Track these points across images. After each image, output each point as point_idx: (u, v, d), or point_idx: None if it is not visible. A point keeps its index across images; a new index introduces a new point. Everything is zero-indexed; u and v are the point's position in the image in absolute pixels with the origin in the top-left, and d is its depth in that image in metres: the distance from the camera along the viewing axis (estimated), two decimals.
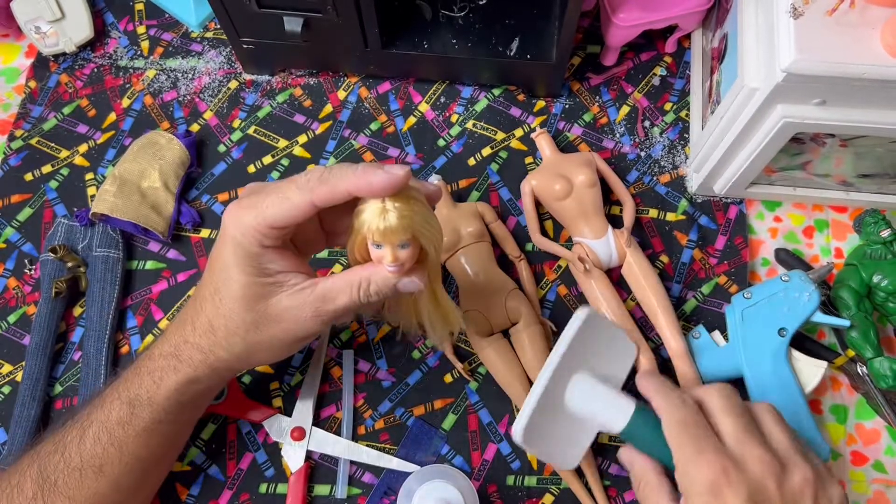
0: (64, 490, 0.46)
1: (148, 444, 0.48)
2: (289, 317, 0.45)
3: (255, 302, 0.44)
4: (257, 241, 0.42)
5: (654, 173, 0.66)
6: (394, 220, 0.40)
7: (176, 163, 0.64)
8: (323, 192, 0.41)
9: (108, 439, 0.46)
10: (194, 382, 0.47)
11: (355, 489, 0.57)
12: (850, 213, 0.65)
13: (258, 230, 0.42)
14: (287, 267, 0.45)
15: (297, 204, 0.41)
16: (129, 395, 0.47)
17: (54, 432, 0.48)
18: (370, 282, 0.44)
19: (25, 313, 0.62)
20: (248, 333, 0.45)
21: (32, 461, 0.47)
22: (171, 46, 0.71)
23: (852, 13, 0.46)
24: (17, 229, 0.65)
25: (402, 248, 0.41)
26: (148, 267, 0.63)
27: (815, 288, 0.56)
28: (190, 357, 0.47)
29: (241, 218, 0.42)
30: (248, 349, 0.46)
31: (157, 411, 0.47)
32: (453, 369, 0.60)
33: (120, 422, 0.47)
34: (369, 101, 0.69)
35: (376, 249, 0.42)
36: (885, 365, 0.55)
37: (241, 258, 0.43)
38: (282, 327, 0.45)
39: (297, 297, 0.44)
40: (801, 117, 0.50)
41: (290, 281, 0.45)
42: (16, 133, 0.68)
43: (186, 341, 0.47)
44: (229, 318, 0.45)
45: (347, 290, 0.44)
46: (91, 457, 0.46)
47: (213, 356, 0.46)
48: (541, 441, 0.48)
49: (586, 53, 0.71)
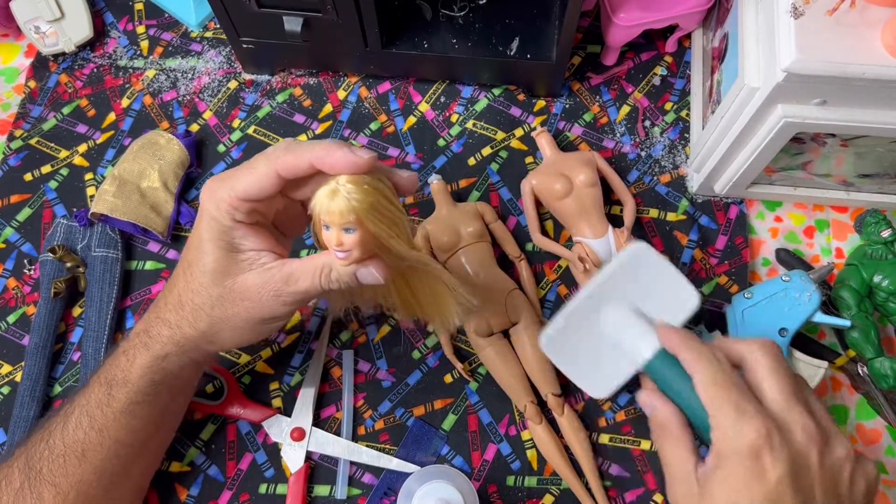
0: (49, 478, 0.46)
1: (128, 426, 0.47)
2: (252, 295, 0.45)
3: (224, 277, 0.45)
4: (230, 214, 0.43)
5: (654, 173, 0.66)
6: (339, 201, 0.39)
7: (175, 163, 0.64)
8: (287, 161, 0.41)
9: (89, 423, 0.46)
10: (163, 359, 0.47)
11: (355, 489, 0.57)
12: (850, 213, 0.65)
13: (230, 203, 0.42)
14: (259, 245, 0.45)
15: (265, 173, 0.41)
16: (106, 377, 0.47)
17: (42, 423, 0.48)
18: (331, 268, 0.44)
19: (25, 313, 0.62)
20: (213, 309, 0.45)
21: (21, 453, 0.47)
22: (170, 46, 0.71)
23: (853, 13, 0.46)
24: (16, 229, 0.65)
25: (347, 232, 0.40)
26: (147, 267, 0.63)
27: (815, 288, 0.56)
28: (159, 333, 0.47)
29: (216, 192, 0.43)
30: (212, 326, 0.46)
31: (132, 391, 0.47)
32: (453, 369, 0.60)
33: (99, 404, 0.47)
34: (369, 100, 0.69)
35: (326, 231, 0.41)
36: (886, 365, 0.55)
37: (215, 232, 0.44)
38: (245, 305, 0.45)
39: (262, 276, 0.44)
40: (802, 117, 0.50)
41: (261, 259, 0.45)
42: (15, 133, 0.68)
43: (158, 317, 0.47)
44: (197, 293, 0.45)
45: (310, 274, 0.44)
46: (73, 442, 0.46)
47: (180, 332, 0.47)
48: (566, 355, 0.49)
49: (586, 53, 0.71)
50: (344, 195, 0.39)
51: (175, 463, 0.57)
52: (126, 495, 0.51)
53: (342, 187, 0.40)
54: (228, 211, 0.43)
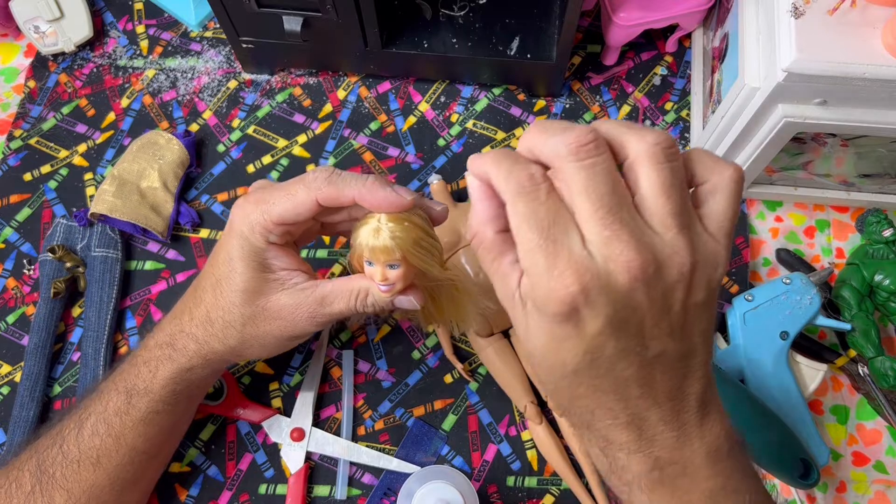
0: (62, 483, 0.46)
1: (145, 434, 0.48)
2: (286, 315, 0.45)
3: (256, 297, 0.45)
4: (264, 237, 0.44)
5: None
6: (384, 240, 0.41)
7: (175, 163, 0.63)
8: (329, 193, 0.42)
9: (106, 430, 0.47)
10: (188, 372, 0.48)
11: (355, 490, 0.57)
12: (851, 213, 0.65)
13: (265, 226, 0.43)
14: (289, 265, 0.46)
15: (304, 201, 0.42)
16: (126, 386, 0.47)
17: (52, 427, 0.48)
18: (368, 293, 0.45)
19: (24, 314, 0.62)
20: (244, 327, 0.46)
21: (30, 456, 0.47)
22: (170, 46, 0.71)
23: (853, 13, 0.46)
24: (15, 229, 0.65)
25: (392, 269, 0.42)
26: (147, 267, 0.63)
27: (816, 291, 0.56)
28: (185, 346, 0.47)
29: (250, 214, 0.44)
30: (242, 343, 0.47)
31: (153, 401, 0.47)
32: (453, 370, 0.60)
33: (117, 412, 0.47)
34: (369, 100, 0.69)
35: (368, 266, 0.43)
36: (887, 364, 0.55)
37: (247, 253, 0.44)
38: (278, 324, 0.46)
39: (296, 297, 0.45)
40: (802, 117, 0.50)
41: (292, 280, 0.46)
42: (15, 133, 0.68)
43: (182, 331, 0.47)
44: (227, 311, 0.46)
45: (346, 297, 0.45)
46: (89, 448, 0.46)
47: (208, 347, 0.47)
48: None
49: (587, 53, 0.71)
50: (387, 234, 0.41)
51: (175, 463, 0.57)
52: (137, 498, 0.51)
53: (384, 226, 0.41)
54: (262, 234, 0.44)
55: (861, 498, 0.57)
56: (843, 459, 0.58)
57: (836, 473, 0.58)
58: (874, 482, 0.58)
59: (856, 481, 0.58)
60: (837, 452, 0.58)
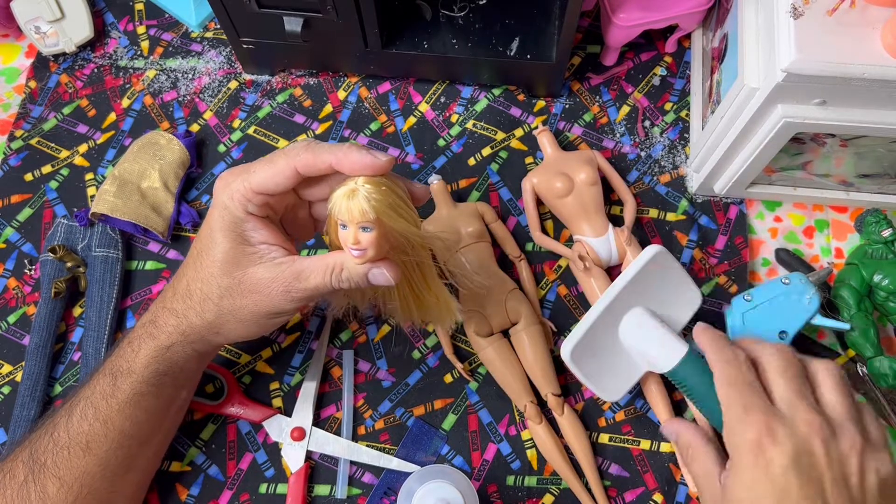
0: (53, 470, 0.46)
1: (132, 417, 0.47)
2: (261, 289, 0.45)
3: (234, 268, 0.45)
4: (243, 206, 0.44)
5: (654, 173, 0.66)
6: (358, 200, 0.40)
7: (176, 163, 0.64)
8: (306, 159, 0.42)
9: (94, 414, 0.47)
10: (168, 350, 0.47)
11: (355, 489, 0.57)
12: (850, 213, 0.65)
13: (244, 195, 0.43)
14: (270, 239, 0.46)
15: (282, 169, 0.43)
16: (111, 368, 0.47)
17: (46, 418, 0.48)
18: (343, 267, 0.44)
19: (25, 313, 0.62)
20: (221, 300, 0.46)
21: (25, 447, 0.47)
22: (171, 46, 0.71)
23: (852, 13, 0.46)
24: (16, 229, 0.65)
25: (365, 231, 0.41)
26: (148, 267, 0.63)
27: (815, 291, 0.56)
28: (165, 322, 0.47)
29: (231, 183, 0.44)
30: (219, 316, 0.46)
31: (137, 381, 0.47)
32: (453, 369, 0.60)
33: (104, 395, 0.47)
34: (369, 101, 0.69)
35: (342, 230, 0.42)
36: (885, 364, 0.55)
37: (227, 223, 0.44)
38: (254, 299, 0.45)
39: (272, 270, 0.45)
40: (802, 117, 0.50)
41: (271, 254, 0.45)
42: (16, 133, 0.68)
43: (164, 307, 0.48)
44: (206, 282, 0.46)
45: (321, 271, 0.44)
46: (78, 433, 0.46)
47: (186, 321, 0.47)
48: (587, 364, 0.51)
49: (586, 53, 0.71)
50: (363, 194, 0.41)
51: (175, 463, 0.57)
52: (129, 489, 0.51)
53: (361, 187, 0.41)
54: (241, 202, 0.44)
55: None
56: None
57: None
58: None
59: None
60: None
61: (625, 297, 0.50)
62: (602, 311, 0.50)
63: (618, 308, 0.51)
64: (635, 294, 0.51)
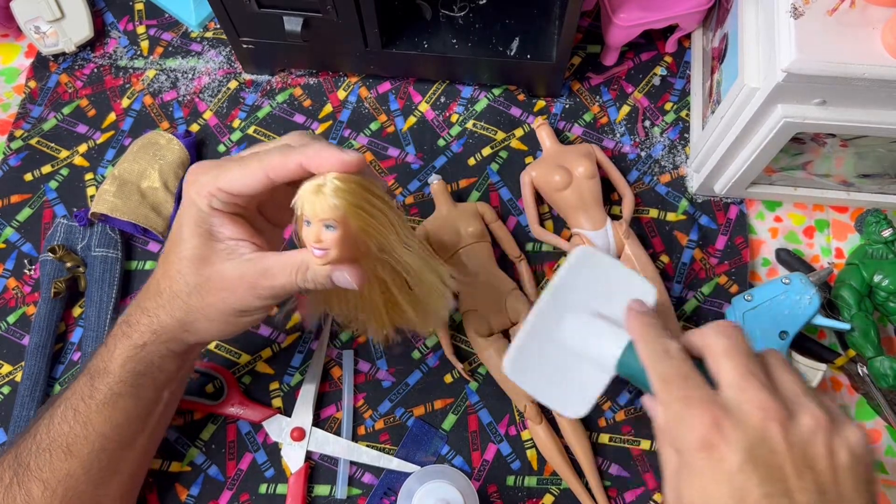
0: (36, 472, 0.45)
1: (111, 419, 0.47)
2: (227, 286, 0.44)
3: (202, 265, 0.44)
4: (207, 200, 0.43)
5: (654, 173, 0.66)
6: (323, 197, 0.38)
7: (176, 163, 0.64)
8: (276, 164, 0.41)
9: (73, 416, 0.46)
10: (141, 349, 0.46)
11: (355, 489, 0.57)
12: (850, 213, 0.65)
13: (210, 192, 0.42)
14: (238, 234, 0.44)
15: (253, 173, 0.41)
16: (89, 369, 0.47)
17: (32, 421, 0.48)
18: (307, 267, 0.43)
19: (25, 313, 0.62)
20: (189, 297, 0.45)
21: (11, 450, 0.47)
22: (170, 46, 0.71)
23: (853, 13, 0.46)
24: (16, 229, 0.65)
25: (328, 229, 0.39)
26: (147, 267, 0.63)
27: (815, 291, 0.56)
28: (137, 321, 0.47)
29: (199, 177, 0.43)
30: (187, 314, 0.45)
31: (113, 381, 0.46)
32: (453, 369, 0.60)
33: (82, 396, 0.46)
34: (369, 100, 0.69)
35: (306, 227, 0.40)
36: (886, 364, 0.55)
37: (194, 218, 0.43)
38: (220, 296, 0.44)
39: (240, 267, 0.44)
40: (802, 117, 0.50)
41: (239, 250, 0.44)
42: (15, 133, 0.68)
43: (138, 305, 0.47)
44: (174, 280, 0.45)
45: (287, 270, 0.43)
46: (58, 435, 0.46)
47: (157, 320, 0.46)
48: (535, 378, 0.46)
49: (586, 53, 0.71)
50: (329, 191, 0.39)
51: (175, 463, 0.57)
52: (116, 491, 0.49)
53: (329, 183, 0.39)
54: (207, 198, 0.43)
55: None
56: None
57: None
58: None
59: None
60: None
61: (563, 303, 0.46)
62: (534, 322, 0.46)
63: (558, 314, 0.46)
64: (573, 299, 0.47)
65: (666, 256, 0.63)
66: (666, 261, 0.63)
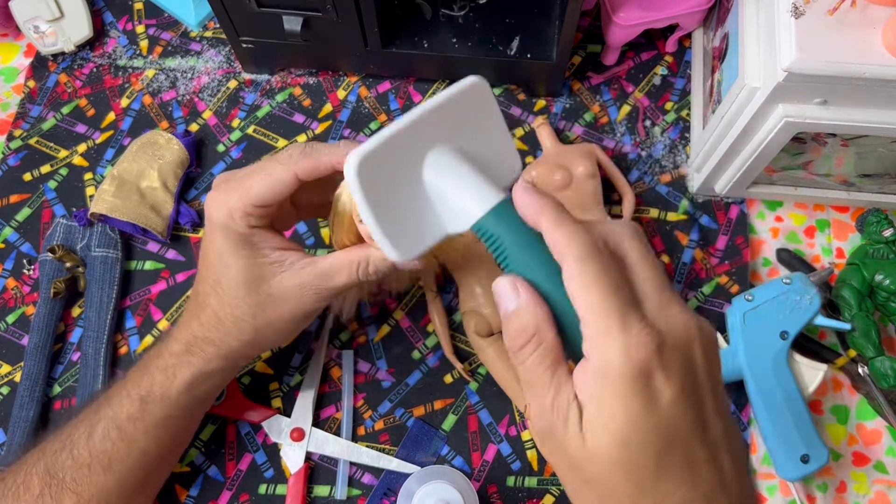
0: (71, 486, 0.46)
1: (159, 439, 0.48)
2: (292, 296, 0.45)
3: (258, 284, 0.45)
4: (245, 221, 0.43)
5: (654, 173, 0.66)
6: None
7: (175, 163, 0.63)
8: (307, 165, 0.42)
9: (118, 435, 0.47)
10: (209, 376, 0.48)
11: (355, 490, 0.57)
12: (851, 213, 0.65)
13: (245, 210, 0.43)
14: (279, 244, 0.45)
15: (282, 178, 0.42)
16: (139, 392, 0.47)
17: (59, 430, 0.48)
18: (368, 262, 0.44)
19: (24, 313, 0.62)
20: (255, 318, 0.46)
21: (38, 459, 0.47)
22: (170, 46, 0.71)
23: (853, 12, 0.46)
24: (15, 229, 0.65)
25: None
26: (147, 267, 0.63)
27: (816, 291, 0.56)
28: (202, 351, 0.47)
29: (226, 202, 0.43)
30: (257, 333, 0.47)
31: (169, 406, 0.47)
32: (453, 370, 0.60)
33: (130, 418, 0.47)
34: (369, 100, 0.69)
35: (361, 225, 0.41)
36: (887, 364, 0.55)
37: (234, 242, 0.44)
38: (288, 308, 0.46)
39: (298, 277, 0.45)
40: (803, 117, 0.50)
41: (288, 260, 0.45)
42: (14, 133, 0.68)
43: (195, 336, 0.47)
44: (234, 306, 0.45)
45: (347, 269, 0.45)
46: (100, 452, 0.46)
47: (226, 346, 0.47)
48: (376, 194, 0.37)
49: (587, 53, 0.71)
50: None
51: None
52: (144, 502, 0.51)
53: None
54: (244, 219, 0.43)
55: (861, 498, 0.57)
56: (843, 459, 0.58)
57: (836, 473, 0.58)
58: (874, 482, 0.58)
59: (856, 481, 0.58)
60: (837, 452, 0.58)
61: (433, 130, 0.39)
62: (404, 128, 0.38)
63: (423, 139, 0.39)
64: (446, 131, 0.39)
65: (666, 256, 0.63)
66: (666, 260, 0.63)
